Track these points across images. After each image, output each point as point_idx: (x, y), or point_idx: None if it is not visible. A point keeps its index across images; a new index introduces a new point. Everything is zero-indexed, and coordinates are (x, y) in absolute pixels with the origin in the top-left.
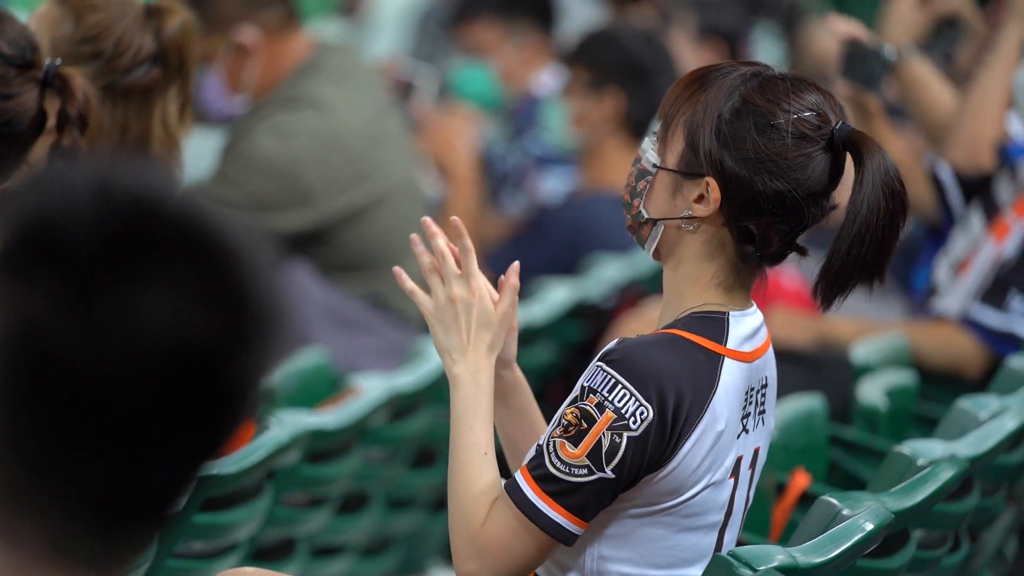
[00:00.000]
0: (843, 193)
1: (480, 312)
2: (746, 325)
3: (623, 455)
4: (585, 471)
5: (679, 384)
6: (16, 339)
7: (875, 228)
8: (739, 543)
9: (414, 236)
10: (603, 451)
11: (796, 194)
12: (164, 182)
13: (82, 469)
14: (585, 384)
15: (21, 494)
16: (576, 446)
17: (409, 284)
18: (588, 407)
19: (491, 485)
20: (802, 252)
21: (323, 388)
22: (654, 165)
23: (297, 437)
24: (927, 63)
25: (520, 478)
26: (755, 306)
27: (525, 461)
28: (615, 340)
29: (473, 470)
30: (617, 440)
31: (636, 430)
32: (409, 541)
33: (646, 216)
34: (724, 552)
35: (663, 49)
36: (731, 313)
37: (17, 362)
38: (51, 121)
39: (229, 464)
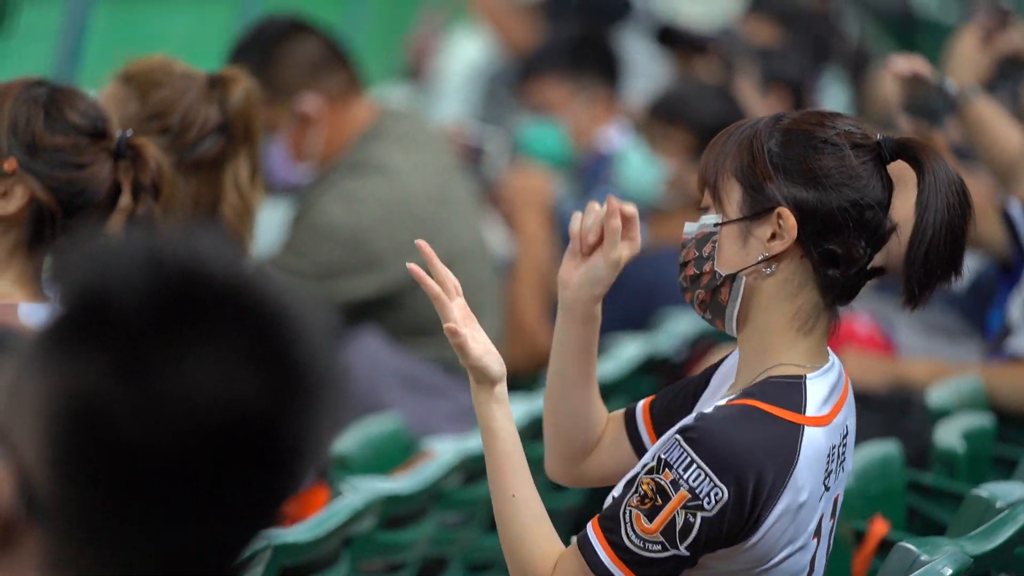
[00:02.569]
0: (898, 208)
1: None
2: (824, 384)
3: (697, 535)
4: (659, 547)
5: (758, 464)
6: (70, 411)
7: (950, 224)
8: None
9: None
10: (677, 529)
11: (869, 201)
12: (216, 249)
13: (137, 538)
14: (663, 456)
15: (76, 563)
16: (651, 521)
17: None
18: (663, 482)
19: (542, 538)
20: (881, 272)
21: (398, 453)
22: (716, 224)
23: (371, 503)
24: (992, 103)
25: (595, 541)
26: (832, 355)
27: (600, 516)
28: (694, 415)
29: (526, 523)
30: (691, 520)
31: (710, 511)
32: None
33: (723, 275)
34: None
35: (739, 107)
36: (808, 377)
37: (71, 434)
38: (125, 195)
39: (304, 532)
